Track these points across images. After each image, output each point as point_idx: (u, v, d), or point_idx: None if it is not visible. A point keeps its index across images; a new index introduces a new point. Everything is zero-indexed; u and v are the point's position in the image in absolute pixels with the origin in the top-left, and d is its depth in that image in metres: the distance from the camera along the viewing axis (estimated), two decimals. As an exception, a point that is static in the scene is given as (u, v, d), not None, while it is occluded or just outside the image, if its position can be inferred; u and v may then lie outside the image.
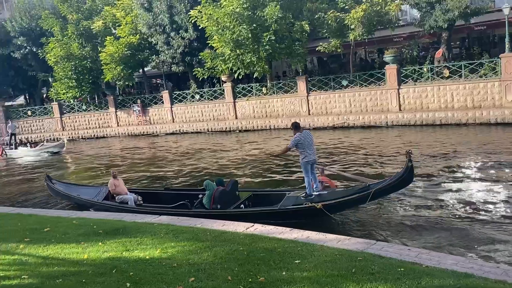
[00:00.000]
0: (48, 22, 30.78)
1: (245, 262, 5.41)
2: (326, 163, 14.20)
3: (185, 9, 25.97)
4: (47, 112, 33.83)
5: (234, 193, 9.67)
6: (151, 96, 30.73)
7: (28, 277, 5.39)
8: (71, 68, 29.87)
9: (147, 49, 29.66)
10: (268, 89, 26.02)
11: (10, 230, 7.65)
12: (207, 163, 16.91)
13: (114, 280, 5.13)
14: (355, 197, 8.35)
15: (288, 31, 23.45)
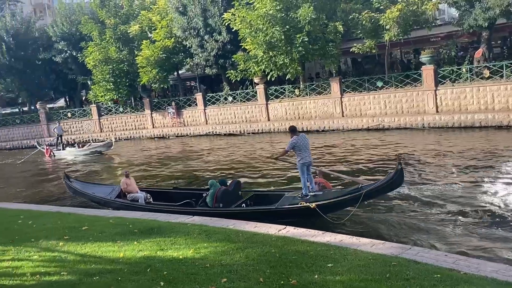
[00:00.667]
0: (87, 27, 31.80)
1: (277, 264, 5.40)
2: (358, 164, 13.99)
3: (219, 12, 26.26)
4: (86, 114, 34.94)
5: (236, 192, 10.05)
6: (185, 99, 31.21)
7: (67, 274, 5.58)
8: (109, 72, 30.71)
9: (181, 52, 30.20)
10: (301, 91, 25.90)
11: (50, 228, 7.93)
12: (241, 165, 16.99)
13: (149, 278, 5.23)
14: (347, 198, 8.66)
15: (322, 32, 23.28)
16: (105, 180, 16.96)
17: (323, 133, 23.48)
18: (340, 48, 24.71)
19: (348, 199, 8.64)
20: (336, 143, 19.90)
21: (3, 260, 6.27)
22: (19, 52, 36.09)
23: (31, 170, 22.78)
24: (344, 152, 17.31)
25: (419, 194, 10.28)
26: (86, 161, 23.88)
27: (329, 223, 8.52)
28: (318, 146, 19.53)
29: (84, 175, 18.66)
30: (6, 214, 9.52)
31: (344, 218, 8.64)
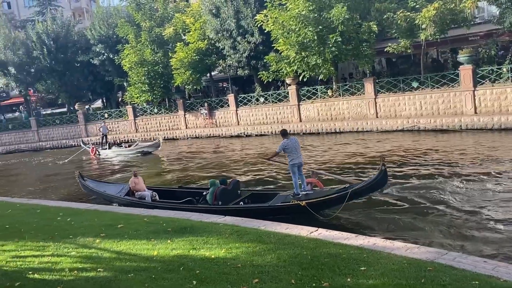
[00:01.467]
0: (123, 29, 32.64)
1: (309, 266, 5.37)
2: (392, 165, 13.72)
3: (251, 14, 26.38)
4: (122, 114, 35.85)
5: (235, 191, 10.60)
6: (217, 100, 31.52)
7: (103, 270, 5.74)
8: (144, 73, 31.39)
9: (214, 54, 30.53)
10: (333, 91, 25.65)
11: (88, 225, 8.19)
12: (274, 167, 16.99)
13: (181, 277, 5.31)
14: (334, 197, 9.25)
15: (355, 32, 22.98)
16: (153, 178, 17.21)
17: (356, 134, 23.16)
18: (374, 48, 24.31)
19: (336, 198, 9.18)
20: (369, 145, 19.58)
21: (43, 256, 6.52)
22: (59, 54, 37.46)
23: (76, 168, 23.15)
24: (377, 154, 17.01)
25: (461, 199, 9.99)
26: (132, 160, 24.09)
27: (320, 219, 9.02)
28: (348, 147, 19.30)
29: (129, 173, 18.71)
30: (47, 211, 9.89)
31: (342, 215, 9.17)
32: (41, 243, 7.21)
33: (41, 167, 26.02)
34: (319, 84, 27.80)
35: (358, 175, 13.30)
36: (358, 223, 9.25)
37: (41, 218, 9.12)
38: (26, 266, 6.13)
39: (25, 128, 39.24)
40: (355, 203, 9.80)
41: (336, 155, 17.92)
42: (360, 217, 9.58)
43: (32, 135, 38.75)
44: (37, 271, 5.87)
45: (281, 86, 30.27)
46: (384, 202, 10.34)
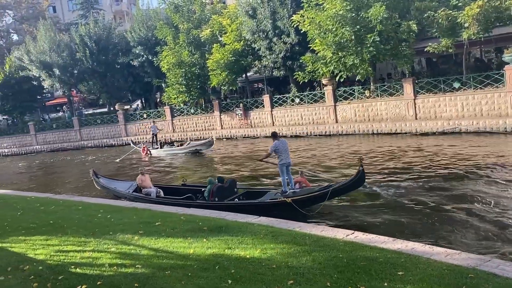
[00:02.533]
0: (162, 31, 33.35)
1: (344, 269, 5.30)
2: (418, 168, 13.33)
3: (288, 14, 26.34)
4: (160, 115, 36.59)
5: (232, 189, 11.42)
6: (252, 100, 31.64)
7: (141, 267, 5.88)
8: (181, 75, 31.94)
9: (250, 55, 30.69)
10: (371, 92, 25.21)
11: (127, 222, 8.41)
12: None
13: (217, 276, 5.36)
14: (316, 194, 10.05)
15: (394, 31, 22.48)
16: (205, 174, 17.44)
17: (394, 136, 22.66)
18: (413, 47, 23.74)
19: (318, 196, 9.98)
20: (409, 146, 19.11)
21: (85, 251, 6.75)
22: (101, 56, 38.71)
23: (127, 166, 23.51)
24: (419, 157, 16.58)
25: (502, 205, 9.60)
26: (184, 159, 24.09)
27: (304, 214, 9.76)
28: (385, 148, 18.90)
29: (181, 173, 18.78)
30: (89, 208, 10.23)
31: (336, 211, 10.07)
32: (83, 238, 7.46)
33: (87, 165, 26.88)
34: (356, 84, 27.39)
35: (392, 179, 13.03)
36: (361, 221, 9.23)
37: (83, 215, 9.44)
38: (69, 260, 6.36)
39: (68, 128, 40.75)
40: (388, 205, 9.62)
41: (376, 156, 17.59)
42: (385, 218, 9.36)
43: (74, 134, 40.21)
44: (79, 265, 6.08)
45: (317, 86, 30.03)
46: (420, 204, 10.08)
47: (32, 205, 11.04)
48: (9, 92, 42.42)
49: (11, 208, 10.80)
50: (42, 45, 39.31)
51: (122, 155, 27.52)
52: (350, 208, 10.71)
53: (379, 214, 9.92)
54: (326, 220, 9.80)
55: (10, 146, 42.53)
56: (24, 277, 5.80)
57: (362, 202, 11.07)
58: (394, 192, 11.58)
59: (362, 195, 11.67)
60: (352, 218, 9.88)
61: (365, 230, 7.45)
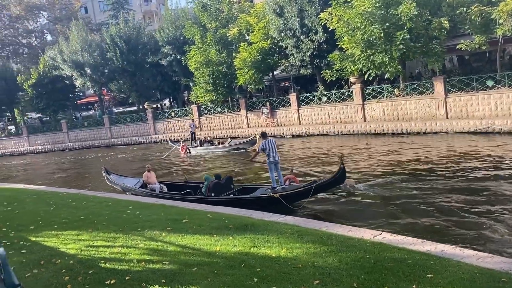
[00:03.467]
0: (190, 31, 33.70)
1: (371, 270, 5.22)
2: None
3: (315, 12, 26.16)
4: (187, 113, 37.02)
5: (228, 185, 12.10)
6: (279, 99, 31.58)
7: (168, 263, 5.96)
8: (209, 73, 32.20)
9: (277, 53, 30.65)
10: (400, 90, 24.75)
11: (155, 219, 8.54)
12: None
13: (243, 274, 5.38)
14: (300, 190, 10.73)
15: (425, 28, 21.99)
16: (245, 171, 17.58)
17: (424, 136, 22.19)
18: (445, 45, 23.14)
19: (303, 191, 10.65)
20: (439, 146, 18.68)
21: (114, 246, 6.89)
22: (130, 56, 39.45)
23: (165, 165, 23.34)
24: (449, 157, 16.18)
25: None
26: (225, 157, 23.44)
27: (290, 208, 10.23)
28: (415, 148, 18.52)
29: (223, 170, 18.48)
30: (118, 204, 10.44)
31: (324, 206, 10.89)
32: (112, 234, 7.62)
33: (121, 162, 27.48)
34: (385, 83, 26.94)
35: (420, 179, 12.76)
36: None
37: (112, 211, 9.64)
38: (99, 255, 6.51)
39: (99, 126, 41.76)
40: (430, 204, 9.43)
41: (403, 157, 17.27)
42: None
43: (105, 132, 41.16)
44: (108, 260, 6.21)
45: (345, 85, 29.72)
46: (447, 205, 9.84)
47: (64, 201, 11.35)
48: (43, 91, 43.77)
49: (44, 204, 11.15)
50: (74, 45, 40.37)
51: (166, 152, 26.92)
52: (381, 207, 10.56)
53: (407, 216, 9.74)
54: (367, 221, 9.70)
55: (43, 143, 43.93)
56: (56, 270, 5.97)
57: (390, 202, 10.89)
58: (420, 192, 11.35)
59: (388, 196, 11.49)
60: (382, 219, 9.73)
61: (393, 232, 7.33)
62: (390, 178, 13.56)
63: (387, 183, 12.95)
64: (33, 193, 13.40)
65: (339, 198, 11.85)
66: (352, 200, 11.57)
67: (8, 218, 9.53)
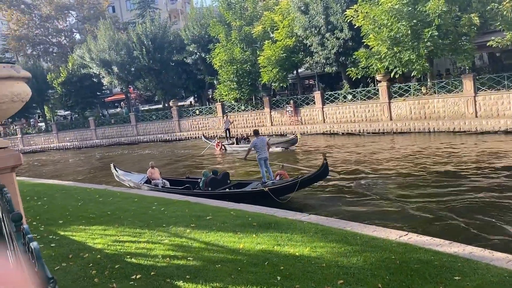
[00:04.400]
0: (215, 29, 33.87)
1: (397, 271, 5.15)
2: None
3: (341, 9, 25.88)
4: (211, 111, 37.25)
5: (225, 180, 12.86)
6: (303, 97, 31.41)
7: (192, 259, 6.02)
8: (233, 72, 32.30)
9: (301, 51, 30.47)
10: (428, 89, 24.25)
11: (179, 215, 8.64)
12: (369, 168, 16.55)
13: (266, 272, 5.39)
14: (287, 185, 11.54)
15: (454, 25, 21.46)
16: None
17: (452, 135, 21.69)
18: (474, 42, 22.51)
19: (289, 185, 11.46)
20: (467, 146, 18.23)
21: (140, 242, 7.01)
22: (156, 54, 39.94)
23: (200, 161, 23.05)
24: (478, 156, 15.77)
25: None
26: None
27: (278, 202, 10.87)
28: (443, 147, 18.13)
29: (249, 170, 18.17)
30: (144, 200, 10.61)
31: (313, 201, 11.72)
32: (138, 229, 7.75)
33: (148, 159, 27.92)
34: (412, 81, 26.45)
35: (446, 179, 12.48)
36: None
37: (138, 207, 9.80)
38: (125, 250, 6.64)
39: (125, 123, 42.48)
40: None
41: (430, 156, 16.93)
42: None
43: (131, 129, 41.85)
44: (134, 255, 6.33)
45: (371, 83, 29.34)
46: (474, 206, 9.59)
47: (92, 196, 11.61)
48: (71, 89, 44.83)
49: (72, 199, 11.44)
50: (102, 44, 41.16)
51: (203, 150, 26.21)
52: (406, 207, 10.39)
53: (433, 216, 9.56)
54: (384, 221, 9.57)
55: (72, 140, 45.02)
56: (84, 264, 6.12)
57: (416, 201, 10.70)
58: (448, 192, 11.11)
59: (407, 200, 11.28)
60: (407, 219, 9.57)
61: (419, 232, 7.21)
62: (416, 177, 13.33)
63: (413, 183, 12.74)
64: (62, 188, 13.76)
65: (364, 198, 11.74)
66: (377, 200, 11.43)
67: (38, 213, 9.83)
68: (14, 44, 57.64)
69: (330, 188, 13.15)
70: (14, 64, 3.30)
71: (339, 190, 12.84)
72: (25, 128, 49.45)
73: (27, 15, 58.02)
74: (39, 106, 50.78)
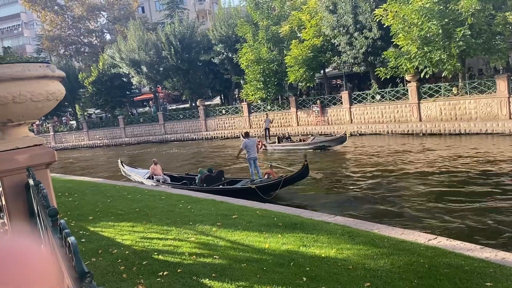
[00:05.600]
0: (242, 29, 34.00)
1: (425, 275, 5.04)
2: None
3: (370, 8, 25.55)
4: (237, 111, 37.41)
5: (219, 178, 14.01)
6: (330, 97, 31.15)
7: (218, 258, 6.06)
8: (260, 71, 32.34)
9: (329, 51, 30.23)
10: (459, 89, 23.63)
11: (206, 214, 8.71)
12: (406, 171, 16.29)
13: (292, 272, 5.37)
14: (271, 183, 12.63)
15: (487, 24, 20.85)
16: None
17: (485, 137, 21.07)
18: (509, 41, 21.84)
19: (274, 184, 12.52)
20: (500, 148, 17.67)
21: (167, 239, 7.11)
22: (184, 54, 40.43)
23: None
24: (510, 160, 15.27)
25: None
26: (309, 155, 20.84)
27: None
28: (475, 150, 17.62)
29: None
30: (171, 198, 10.75)
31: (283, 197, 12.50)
32: (165, 227, 7.86)
33: (177, 158, 28.30)
34: (442, 81, 25.86)
35: (478, 182, 12.12)
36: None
37: (165, 204, 9.94)
38: (152, 247, 6.74)
39: (153, 122, 43.16)
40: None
41: (461, 158, 16.50)
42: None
43: (159, 128, 42.49)
44: (161, 252, 6.42)
45: (400, 83, 28.84)
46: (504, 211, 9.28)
47: (121, 193, 11.85)
48: (102, 88, 45.87)
49: (102, 195, 11.69)
50: (131, 44, 41.95)
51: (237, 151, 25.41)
52: (437, 210, 10.17)
53: (464, 220, 9.31)
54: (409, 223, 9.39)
55: (101, 138, 46.07)
56: (113, 260, 6.25)
57: (447, 204, 10.45)
58: (479, 196, 10.79)
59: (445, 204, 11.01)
60: (437, 222, 9.37)
61: (449, 236, 7.04)
62: (447, 179, 13.02)
63: (444, 185, 12.45)
64: (92, 185, 14.10)
65: (393, 199, 11.55)
66: (407, 202, 11.23)
67: (69, 208, 10.10)
68: (47, 44, 59.47)
69: (357, 188, 13.00)
70: (50, 64, 3.40)
71: (367, 190, 12.74)
72: (57, 126, 50.93)
73: (60, 16, 59.75)
74: (71, 105, 52.18)
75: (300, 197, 12.95)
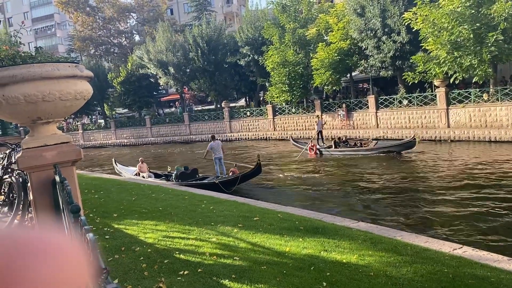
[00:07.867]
0: (269, 31, 34.04)
1: (449, 285, 4.92)
2: None
3: (399, 12, 25.17)
4: (262, 113, 37.45)
5: (193, 174, 15.95)
6: (356, 101, 30.81)
7: (239, 259, 6.07)
8: (285, 74, 32.29)
9: (356, 54, 29.94)
10: (490, 96, 22.99)
11: (227, 215, 8.74)
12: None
13: (312, 277, 5.33)
14: (232, 179, 14.61)
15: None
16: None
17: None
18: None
19: (232, 180, 14.55)
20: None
21: (188, 238, 7.17)
22: (211, 56, 40.78)
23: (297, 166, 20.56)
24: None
25: None
26: (368, 160, 19.90)
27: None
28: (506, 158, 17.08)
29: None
30: (194, 198, 10.85)
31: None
32: (187, 226, 7.92)
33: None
34: (472, 87, 25.22)
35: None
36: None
37: (188, 204, 10.03)
38: (174, 246, 6.80)
39: (179, 122, 43.68)
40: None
41: (492, 166, 16.04)
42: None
43: (184, 129, 42.96)
44: (183, 252, 6.47)
45: (428, 88, 28.28)
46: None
47: (145, 192, 12.02)
48: (130, 88, 46.75)
49: (127, 193, 11.89)
50: (159, 45, 42.60)
51: (298, 154, 22.97)
52: (463, 220, 9.92)
53: (492, 231, 9.04)
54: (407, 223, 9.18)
55: (128, 137, 46.92)
56: (135, 257, 6.34)
57: (474, 214, 10.17)
58: (509, 207, 10.47)
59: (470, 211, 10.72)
60: (464, 232, 9.13)
61: (475, 246, 6.84)
62: (476, 188, 12.68)
63: (473, 193, 12.12)
64: (117, 183, 14.36)
65: (421, 207, 11.33)
66: (434, 210, 10.99)
67: (95, 205, 10.31)
68: (79, 44, 61.05)
69: (382, 193, 12.82)
70: (78, 63, 3.49)
71: (391, 195, 12.54)
72: (86, 124, 52.14)
73: (92, 17, 61.27)
74: (99, 104, 53.34)
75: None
